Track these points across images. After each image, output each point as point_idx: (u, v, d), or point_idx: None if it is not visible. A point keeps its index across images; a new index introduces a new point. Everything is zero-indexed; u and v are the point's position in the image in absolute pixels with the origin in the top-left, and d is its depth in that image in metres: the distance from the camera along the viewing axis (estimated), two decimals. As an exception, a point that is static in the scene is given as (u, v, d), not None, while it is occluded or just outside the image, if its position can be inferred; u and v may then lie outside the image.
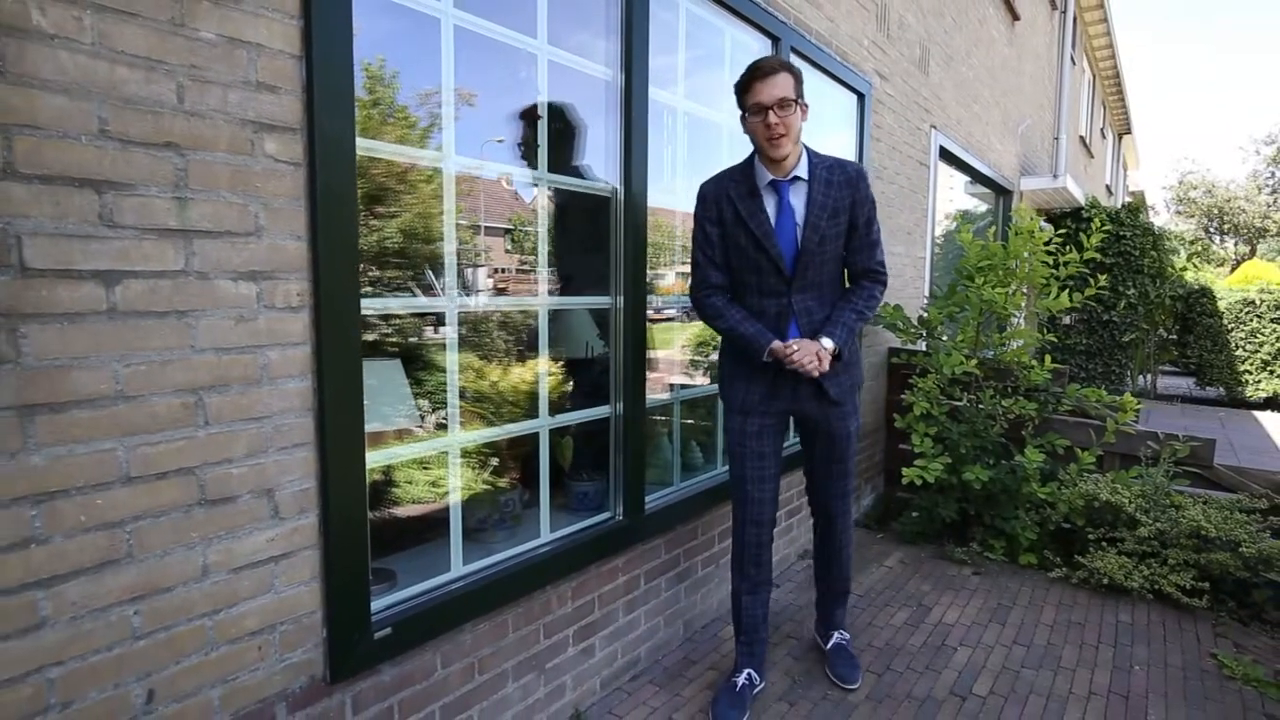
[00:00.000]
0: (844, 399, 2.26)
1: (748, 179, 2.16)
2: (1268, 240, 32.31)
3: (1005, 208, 7.51)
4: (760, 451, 2.28)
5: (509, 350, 2.35)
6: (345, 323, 1.49)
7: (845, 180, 2.15)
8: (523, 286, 2.65)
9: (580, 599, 2.21)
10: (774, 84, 2.01)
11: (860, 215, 2.18)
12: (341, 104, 1.45)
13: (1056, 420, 3.82)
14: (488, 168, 1.98)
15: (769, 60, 2.06)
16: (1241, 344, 9.55)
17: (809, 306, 2.18)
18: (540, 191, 2.08)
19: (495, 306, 2.21)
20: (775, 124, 2.01)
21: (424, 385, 2.17)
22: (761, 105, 2.02)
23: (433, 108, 1.81)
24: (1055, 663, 2.71)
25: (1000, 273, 3.75)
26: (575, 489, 2.40)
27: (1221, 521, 3.17)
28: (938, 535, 3.85)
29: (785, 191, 2.13)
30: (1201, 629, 3.02)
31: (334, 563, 1.50)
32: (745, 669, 2.39)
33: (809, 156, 2.17)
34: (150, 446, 1.23)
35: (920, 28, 4.62)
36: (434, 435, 1.95)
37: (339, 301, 1.47)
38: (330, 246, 1.45)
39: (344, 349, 1.49)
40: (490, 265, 2.58)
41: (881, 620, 3.00)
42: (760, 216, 2.12)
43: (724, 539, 2.94)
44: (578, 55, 2.14)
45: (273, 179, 1.37)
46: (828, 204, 2.13)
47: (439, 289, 2.19)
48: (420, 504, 2.13)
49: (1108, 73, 14.81)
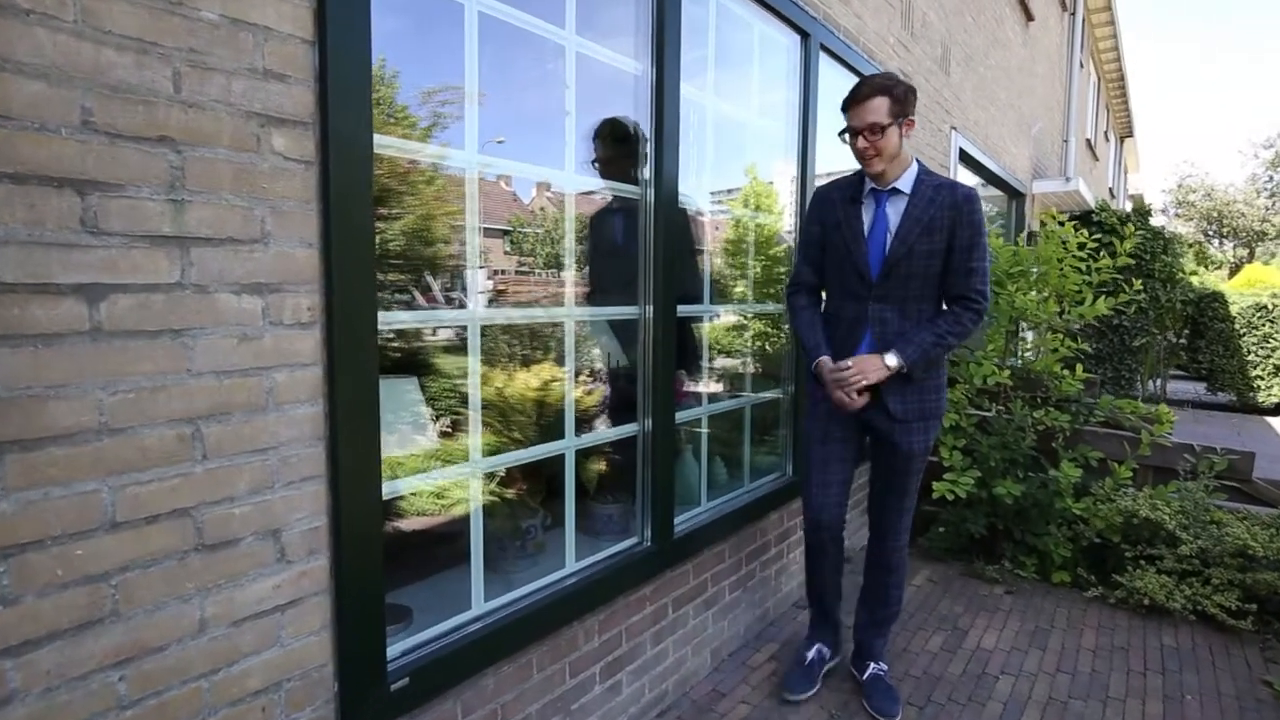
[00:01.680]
0: (909, 418, 2.21)
1: (854, 186, 2.24)
2: (1265, 243, 32.31)
3: (1018, 210, 7.38)
4: (825, 457, 2.33)
5: (527, 364, 2.19)
6: (360, 340, 1.33)
7: (950, 201, 2.12)
8: (523, 289, 2.50)
9: (608, 632, 2.05)
10: (866, 109, 2.07)
11: (960, 238, 2.13)
12: (357, 96, 1.29)
13: (1087, 432, 3.68)
14: (514, 168, 1.82)
15: (868, 83, 2.09)
16: (1254, 349, 9.43)
17: (886, 317, 2.18)
18: (568, 194, 1.92)
19: (521, 319, 2.05)
20: (865, 148, 2.09)
21: (428, 396, 2.02)
22: (854, 129, 2.11)
23: (445, 104, 1.65)
24: (1103, 692, 2.56)
25: (1031, 278, 3.60)
26: (599, 511, 2.25)
27: (1269, 540, 3.03)
28: (965, 551, 3.69)
29: (883, 202, 2.18)
30: (1250, 653, 2.87)
31: (347, 609, 1.34)
32: (815, 643, 2.54)
33: (919, 173, 2.18)
34: (140, 486, 1.07)
35: (942, 26, 4.48)
36: (446, 454, 1.79)
37: (354, 316, 1.31)
38: (344, 255, 1.29)
39: (359, 369, 1.33)
40: (490, 268, 2.47)
41: (917, 645, 2.84)
42: (855, 223, 2.20)
43: (751, 561, 2.78)
44: (606, 47, 1.98)
45: (281, 179, 1.21)
46: (923, 219, 2.12)
47: (437, 293, 2.05)
48: (435, 529, 1.97)
49: (1112, 75, 14.72)
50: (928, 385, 2.23)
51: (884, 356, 2.13)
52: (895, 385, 2.18)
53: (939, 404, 2.27)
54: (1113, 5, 11.38)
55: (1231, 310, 9.58)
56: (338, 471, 1.31)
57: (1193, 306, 9.72)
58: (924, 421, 2.24)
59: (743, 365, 3.00)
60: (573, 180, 1.92)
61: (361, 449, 1.34)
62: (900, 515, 2.37)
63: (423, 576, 1.91)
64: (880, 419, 2.24)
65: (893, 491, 2.34)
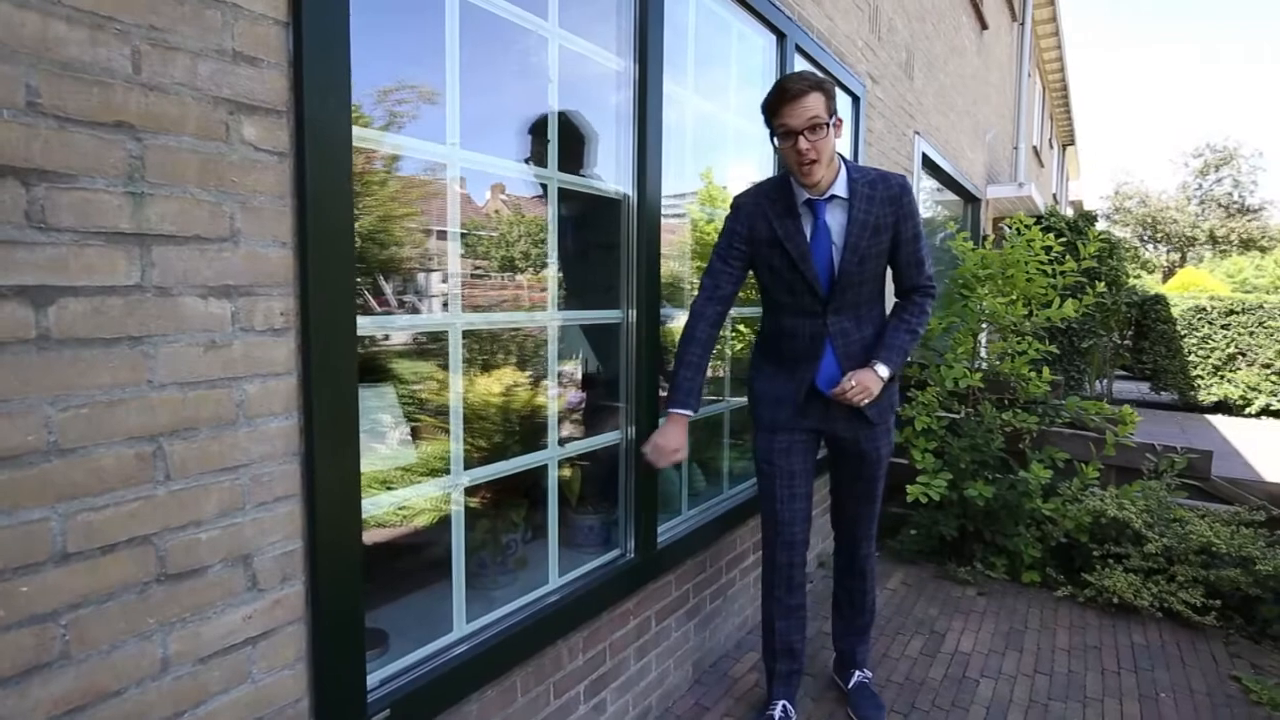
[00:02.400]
0: (880, 420, 2.13)
1: (785, 196, 2.02)
2: (1196, 248, 33.84)
3: (974, 215, 7.53)
4: (789, 469, 2.16)
5: (509, 370, 2.10)
6: (339, 347, 1.23)
7: (888, 196, 2.00)
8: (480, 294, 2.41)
9: (592, 649, 1.97)
10: (803, 106, 1.83)
11: (905, 231, 2.04)
12: (335, 83, 1.19)
13: (1053, 433, 3.73)
14: (497, 165, 1.73)
15: (798, 79, 1.86)
16: (1194, 350, 9.81)
17: (845, 328, 2.05)
18: (551, 193, 1.84)
19: (504, 323, 1.96)
20: (806, 150, 1.86)
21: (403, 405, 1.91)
22: (791, 129, 1.86)
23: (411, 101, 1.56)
24: (1081, 693, 2.58)
25: (999, 282, 3.64)
26: (580, 523, 2.16)
27: (1230, 537, 3.10)
28: (937, 553, 3.71)
29: (821, 211, 1.99)
30: (1215, 648, 2.93)
31: (324, 638, 1.24)
32: (780, 700, 2.26)
33: (848, 172, 2.00)
34: (94, 513, 0.96)
35: (906, 32, 4.52)
36: (426, 466, 1.69)
37: (332, 321, 1.21)
38: (321, 255, 1.19)
39: (337, 378, 1.23)
40: (443, 271, 2.38)
41: (896, 650, 2.82)
42: (798, 238, 1.99)
43: (731, 569, 2.73)
44: (589, 41, 1.90)
45: (252, 172, 1.11)
46: (869, 222, 1.99)
47: (389, 296, 1.95)
48: (410, 545, 1.86)
49: (1056, 85, 15.20)
50: (892, 385, 2.15)
51: (875, 368, 2.01)
52: None
53: (894, 397, 2.20)
54: (1057, 17, 11.75)
55: (1173, 312, 9.95)
56: (314, 490, 1.20)
57: (1136, 309, 10.07)
58: (887, 422, 2.17)
59: (720, 369, 2.95)
60: (555, 176, 1.83)
61: (340, 465, 1.24)
62: (872, 522, 2.32)
63: (396, 597, 1.80)
64: (845, 428, 2.12)
65: (867, 499, 2.26)
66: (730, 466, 2.85)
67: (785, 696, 2.27)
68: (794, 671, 2.30)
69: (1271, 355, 9.43)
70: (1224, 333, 9.65)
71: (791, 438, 2.15)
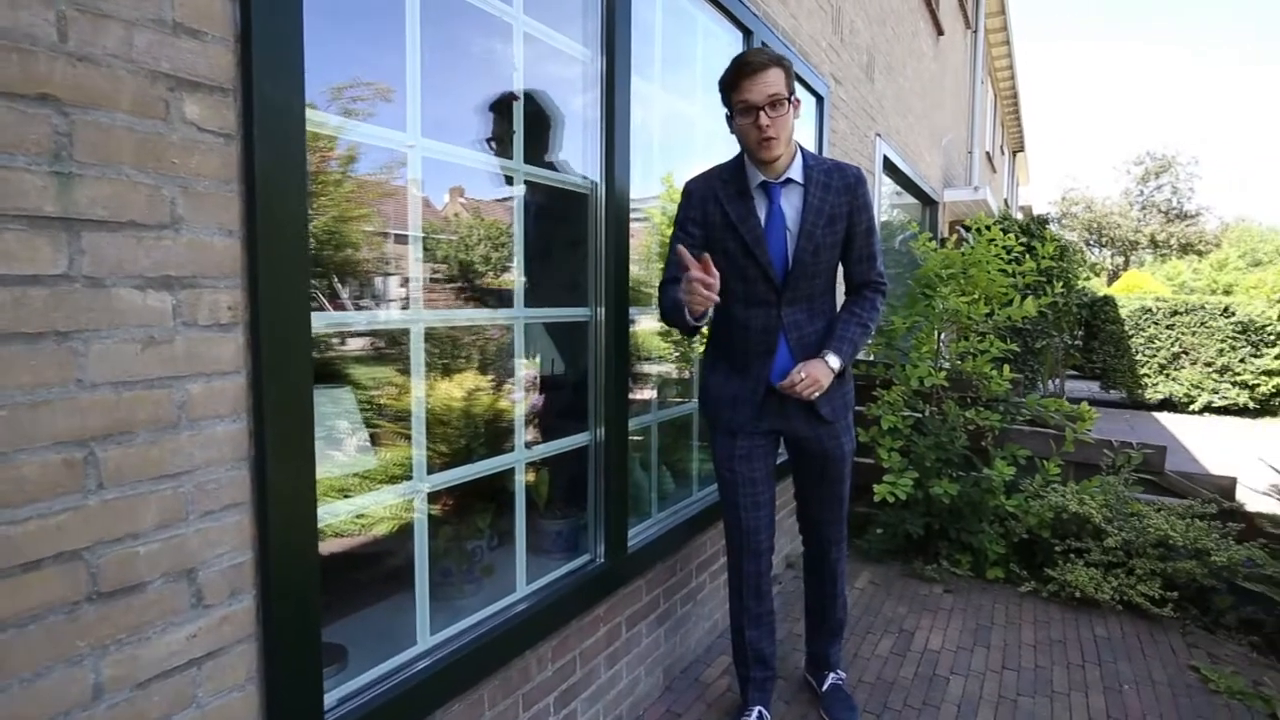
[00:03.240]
0: (836, 417, 2.08)
1: (738, 179, 1.97)
2: (1138, 252, 35.10)
3: (931, 218, 7.65)
4: (751, 476, 2.10)
5: (470, 371, 2.02)
6: (292, 344, 1.15)
7: (844, 185, 1.97)
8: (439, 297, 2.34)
9: (562, 659, 1.91)
10: (764, 80, 1.79)
11: (859, 224, 2.01)
12: (287, 60, 1.11)
13: (1014, 430, 3.78)
14: (462, 155, 1.66)
15: (758, 54, 1.82)
16: (1141, 349, 10.12)
17: (798, 320, 2.00)
18: (517, 186, 1.77)
19: (466, 321, 1.88)
20: (767, 125, 1.81)
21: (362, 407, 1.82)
22: (751, 105, 1.81)
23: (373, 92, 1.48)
24: (1048, 687, 2.59)
25: (961, 281, 3.68)
26: (548, 528, 2.09)
27: (1185, 530, 3.17)
28: (903, 551, 3.72)
29: (777, 195, 1.95)
30: (1173, 639, 2.99)
31: (277, 656, 1.15)
32: (756, 706, 2.23)
33: (804, 157, 1.97)
34: (14, 526, 0.86)
35: (868, 34, 4.55)
36: (386, 471, 1.60)
37: (284, 316, 1.13)
38: (273, 245, 1.10)
39: (290, 377, 1.14)
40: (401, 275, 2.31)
41: (866, 650, 2.81)
42: (751, 221, 1.94)
43: (700, 573, 2.68)
44: (554, 30, 1.84)
45: (195, 154, 1.02)
46: (824, 210, 1.95)
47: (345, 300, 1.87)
48: (370, 555, 1.77)
49: (1006, 93, 15.60)
50: (845, 381, 2.12)
51: (825, 359, 1.95)
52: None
53: (850, 395, 2.16)
54: (1008, 26, 12.05)
55: (1121, 313, 10.26)
56: (265, 497, 1.12)
57: (1086, 310, 10.35)
58: (846, 419, 2.13)
59: (690, 370, 2.91)
60: (520, 169, 1.77)
61: (293, 470, 1.16)
62: (841, 525, 2.26)
63: (357, 610, 1.71)
64: (804, 427, 2.06)
65: (834, 502, 2.20)
66: (699, 468, 2.81)
67: (760, 703, 2.24)
68: (767, 678, 2.27)
69: (1213, 354, 9.79)
70: (1169, 333, 9.99)
71: (751, 442, 2.08)
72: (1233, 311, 9.71)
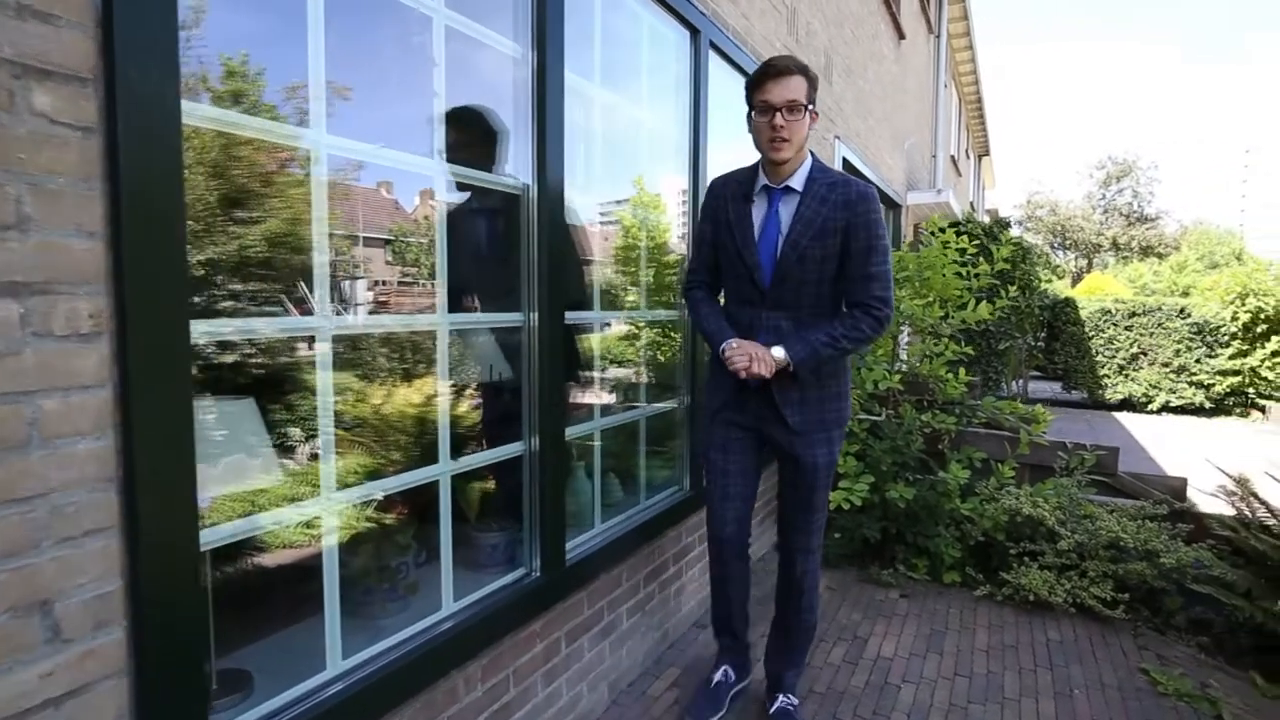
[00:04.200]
0: (807, 429, 2.08)
1: (748, 182, 2.09)
2: (1101, 255, 35.84)
3: (895, 221, 7.68)
4: (725, 468, 2.21)
5: (394, 379, 1.94)
6: (166, 354, 1.06)
7: (844, 201, 1.97)
8: (405, 300, 2.27)
9: (493, 678, 1.83)
10: (787, 85, 1.91)
11: (856, 241, 1.98)
12: (158, 48, 1.03)
13: (970, 433, 3.78)
14: (375, 154, 1.58)
15: (786, 59, 1.96)
16: (1101, 350, 10.28)
17: (779, 325, 2.05)
18: (438, 185, 1.70)
19: (381, 326, 1.80)
20: (780, 127, 1.92)
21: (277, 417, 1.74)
22: (770, 105, 1.93)
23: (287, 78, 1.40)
24: (999, 694, 2.57)
25: (916, 284, 3.66)
26: (483, 541, 2.02)
27: (1136, 531, 3.18)
28: (860, 556, 3.70)
29: (776, 200, 2.04)
30: (1124, 640, 2.99)
31: (153, 692, 1.06)
32: (723, 665, 2.40)
33: (812, 170, 2.03)
34: None
35: (825, 36, 4.54)
36: (294, 487, 1.52)
37: (156, 324, 1.05)
38: (142, 248, 1.02)
39: (165, 391, 1.06)
40: (370, 278, 2.24)
41: (819, 659, 2.77)
42: (745, 223, 2.06)
43: (650, 582, 2.62)
44: (479, 24, 1.77)
45: (46, 148, 0.94)
46: (815, 221, 1.98)
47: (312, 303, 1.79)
48: (283, 575, 1.69)
49: (971, 97, 15.81)
50: (827, 394, 2.11)
51: (771, 349, 1.98)
52: (794, 395, 2.07)
53: (841, 413, 2.16)
54: (971, 31, 12.20)
55: (1081, 315, 10.41)
56: (137, 521, 1.04)
57: (1049, 312, 10.49)
58: (825, 432, 2.11)
59: (637, 375, 2.85)
60: (443, 170, 1.69)
61: (169, 490, 1.07)
62: (808, 535, 2.21)
63: (268, 633, 1.62)
64: (778, 431, 2.11)
65: (799, 508, 2.19)
66: (649, 475, 2.75)
67: (726, 663, 2.40)
68: (730, 647, 2.42)
69: (1170, 355, 9.97)
70: (1127, 334, 10.16)
71: (728, 434, 2.18)
72: (1189, 313, 9.90)
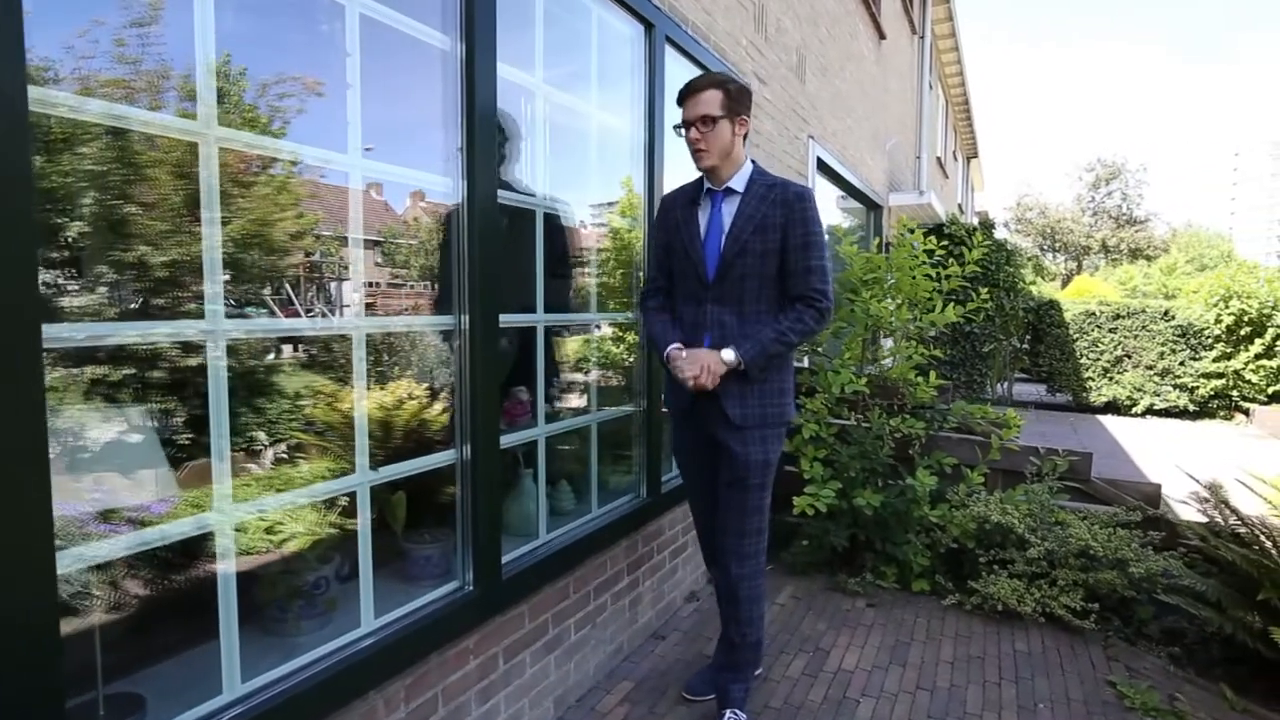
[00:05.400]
0: (748, 423, 2.10)
1: (695, 189, 2.22)
2: (1090, 257, 35.96)
3: (876, 222, 7.63)
4: (689, 468, 2.38)
5: (314, 386, 1.85)
6: (10, 361, 0.98)
7: (782, 199, 2.10)
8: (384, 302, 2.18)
9: (417, 698, 1.75)
10: (698, 101, 2.08)
11: (794, 237, 2.09)
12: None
13: (941, 438, 3.71)
14: (273, 146, 1.49)
15: (701, 78, 2.12)
16: (1085, 353, 10.25)
17: (724, 320, 2.13)
18: (354, 183, 1.61)
19: (278, 333, 1.71)
20: (695, 139, 2.09)
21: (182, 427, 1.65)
22: (686, 121, 2.11)
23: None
24: (961, 708, 2.50)
25: (884, 286, 3.60)
26: (414, 554, 1.93)
27: (1107, 540, 3.11)
28: (828, 564, 3.62)
29: (719, 202, 2.16)
30: (1094, 651, 2.92)
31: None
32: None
33: (753, 173, 2.17)
34: None
35: (797, 34, 4.47)
36: (193, 501, 1.43)
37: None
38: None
39: (9, 403, 0.98)
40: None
41: (778, 672, 2.69)
42: (692, 224, 2.18)
43: (600, 594, 2.54)
44: (399, 12, 1.69)
45: None
46: (755, 216, 2.10)
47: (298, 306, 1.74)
48: (186, 593, 1.59)
49: (958, 99, 15.79)
50: (769, 388, 2.14)
51: (721, 351, 2.06)
52: (734, 389, 2.09)
53: (783, 410, 2.16)
54: (956, 33, 12.17)
55: (1066, 317, 10.38)
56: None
57: (1033, 314, 10.46)
58: (764, 429, 2.12)
59: (589, 380, 2.77)
60: (359, 165, 1.61)
61: (13, 510, 0.99)
62: (741, 539, 2.17)
63: (169, 655, 1.53)
64: (719, 426, 2.14)
65: (731, 509, 2.16)
66: (600, 482, 2.66)
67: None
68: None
69: (1154, 358, 9.95)
70: (1111, 336, 10.13)
71: (683, 435, 2.34)
72: (1173, 315, 9.88)
